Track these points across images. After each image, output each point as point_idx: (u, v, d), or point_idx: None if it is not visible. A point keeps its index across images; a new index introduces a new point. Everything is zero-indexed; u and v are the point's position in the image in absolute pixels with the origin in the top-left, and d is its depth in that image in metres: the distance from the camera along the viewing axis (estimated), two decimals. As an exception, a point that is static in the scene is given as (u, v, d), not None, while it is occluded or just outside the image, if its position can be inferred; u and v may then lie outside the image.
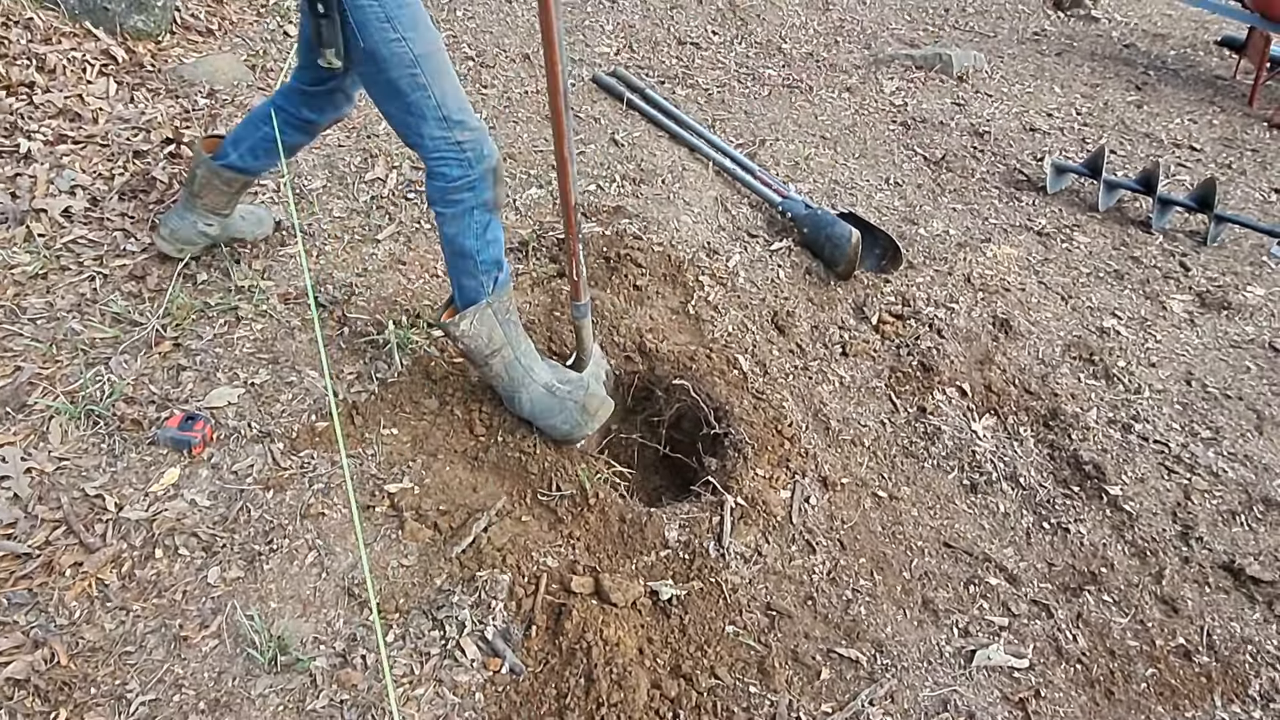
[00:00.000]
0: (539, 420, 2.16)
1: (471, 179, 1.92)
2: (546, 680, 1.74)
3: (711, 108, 3.89)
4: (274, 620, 1.76)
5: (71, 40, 3.20)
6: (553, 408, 2.14)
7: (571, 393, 2.15)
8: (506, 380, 2.15)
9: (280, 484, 2.00)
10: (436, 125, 1.86)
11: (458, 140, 1.87)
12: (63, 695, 1.59)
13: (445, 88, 1.85)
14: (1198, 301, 3.07)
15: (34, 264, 2.39)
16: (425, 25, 1.82)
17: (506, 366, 2.13)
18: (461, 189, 1.92)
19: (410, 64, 1.80)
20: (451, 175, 1.91)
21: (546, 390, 2.15)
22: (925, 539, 2.20)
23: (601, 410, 2.14)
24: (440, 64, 1.84)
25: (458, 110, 1.87)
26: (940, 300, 2.89)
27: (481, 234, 1.99)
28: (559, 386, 2.17)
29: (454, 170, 1.90)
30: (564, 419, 2.13)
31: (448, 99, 1.85)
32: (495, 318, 2.08)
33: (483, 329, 2.06)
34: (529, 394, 2.15)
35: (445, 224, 1.98)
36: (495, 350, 2.10)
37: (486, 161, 1.92)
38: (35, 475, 1.92)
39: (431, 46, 1.82)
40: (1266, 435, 2.54)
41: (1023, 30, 5.14)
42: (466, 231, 1.97)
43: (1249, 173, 3.86)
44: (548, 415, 2.14)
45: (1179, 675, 1.97)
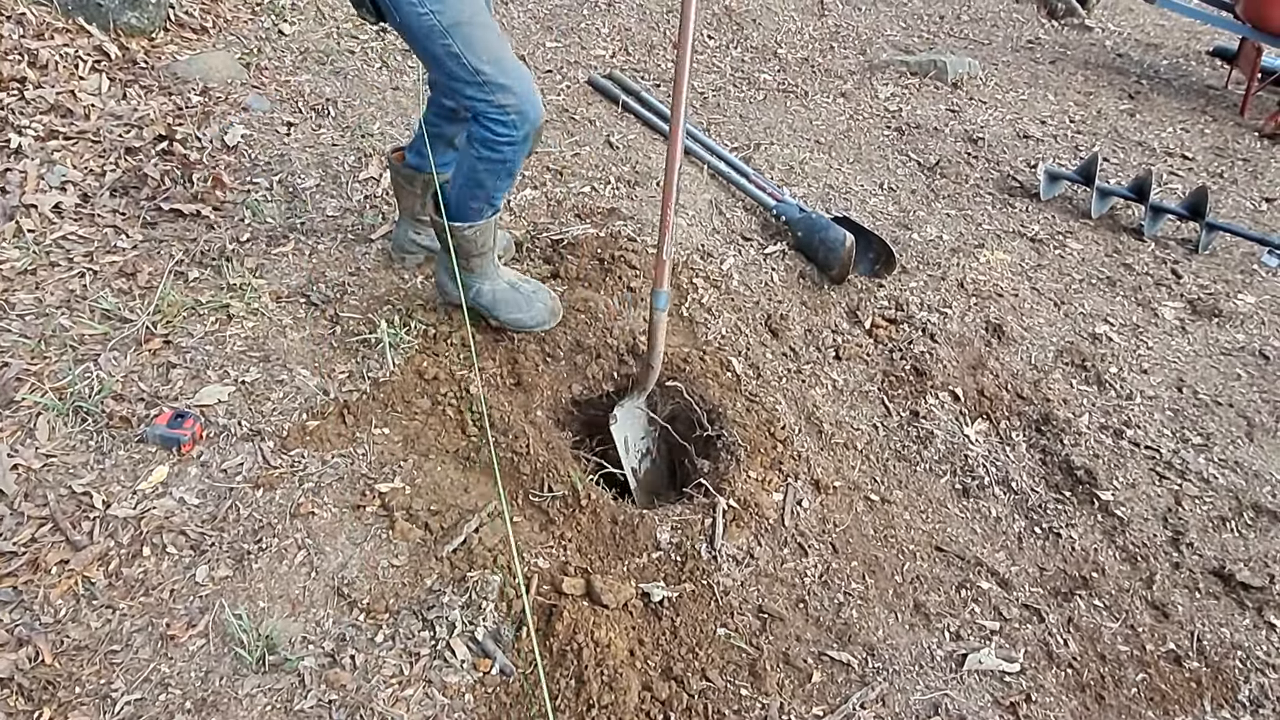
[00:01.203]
0: (496, 310, 2.33)
1: (515, 138, 1.97)
2: (537, 681, 1.73)
3: (707, 111, 3.90)
4: (262, 620, 1.74)
5: (64, 36, 3.19)
6: (518, 302, 2.35)
7: (537, 292, 2.40)
8: (474, 274, 2.29)
9: (270, 483, 1.98)
10: (477, 90, 1.90)
11: (501, 103, 1.92)
12: (47, 694, 1.58)
13: (482, 54, 1.87)
14: (1189, 309, 3.08)
15: (23, 260, 2.37)
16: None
17: (483, 265, 2.28)
18: (504, 144, 1.98)
19: (441, 35, 1.84)
20: (496, 132, 1.96)
21: (510, 286, 2.35)
22: (917, 542, 2.20)
23: (559, 316, 2.41)
24: (473, 33, 1.87)
25: (499, 74, 1.89)
26: (933, 305, 2.90)
27: (505, 178, 2.08)
28: (523, 285, 2.39)
29: (498, 129, 1.95)
30: (531, 315, 2.36)
31: (484, 66, 1.88)
32: (493, 228, 2.22)
33: (483, 237, 2.20)
34: (493, 286, 2.32)
35: (475, 160, 2.03)
36: (482, 253, 2.25)
37: (531, 124, 1.97)
38: (22, 472, 1.90)
39: (462, 15, 1.85)
40: (1257, 442, 2.55)
41: (1017, 38, 5.16)
42: (493, 174, 2.05)
43: (1240, 182, 3.88)
44: (510, 308, 2.34)
45: (1169, 680, 1.97)
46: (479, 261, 2.28)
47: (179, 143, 2.91)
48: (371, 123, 3.25)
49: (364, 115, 3.29)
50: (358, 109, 3.32)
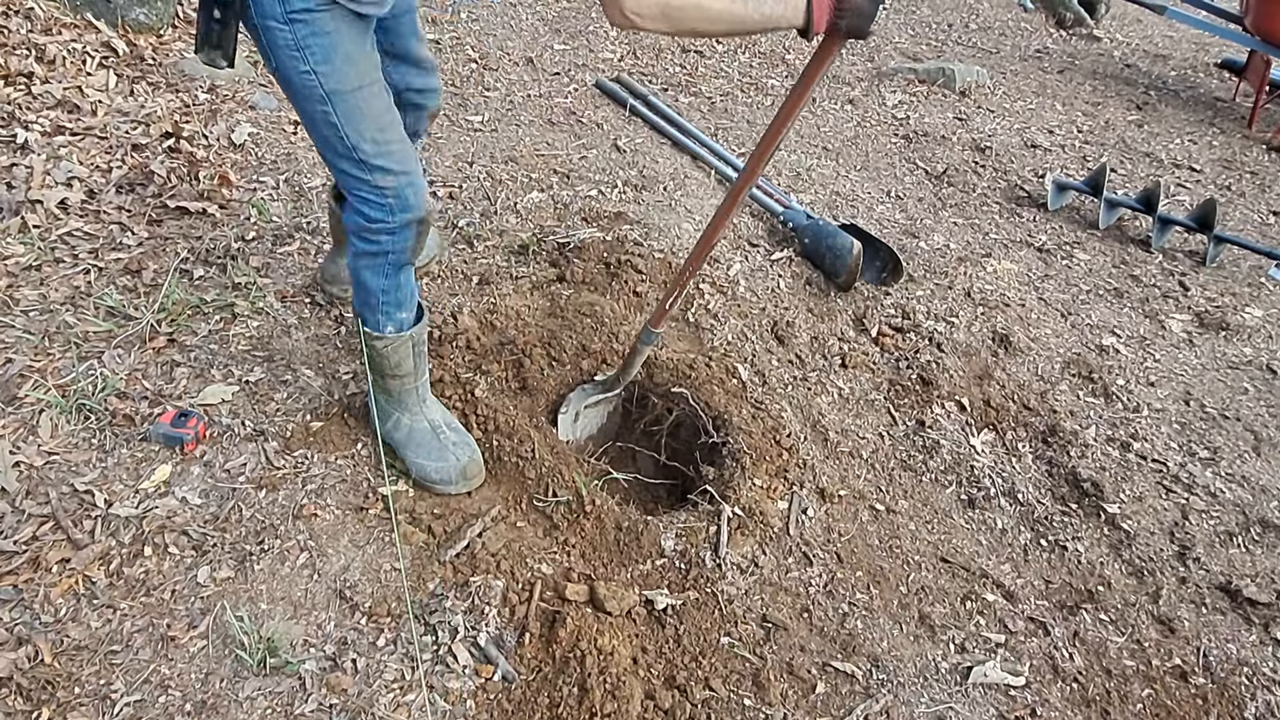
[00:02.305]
0: (406, 450, 2.04)
1: (391, 226, 1.75)
2: (539, 688, 1.71)
3: (714, 116, 3.89)
4: (264, 622, 1.73)
5: (72, 31, 3.18)
6: (431, 449, 2.03)
7: (458, 446, 2.05)
8: (392, 399, 2.04)
9: (273, 484, 1.97)
10: (352, 165, 1.68)
11: (377, 185, 1.70)
12: (46, 694, 1.56)
13: (363, 129, 1.64)
14: (1196, 321, 3.07)
15: (28, 256, 2.36)
16: (346, 58, 1.58)
17: (402, 392, 2.02)
18: (379, 232, 1.76)
19: (320, 100, 1.60)
20: (370, 216, 1.74)
21: (432, 428, 2.05)
22: (922, 553, 2.19)
23: (475, 480, 2.07)
24: (358, 104, 1.62)
25: (377, 155, 1.67)
26: (940, 314, 2.89)
27: (392, 276, 1.84)
28: (447, 433, 2.06)
29: (372, 212, 1.74)
30: (438, 468, 2.02)
31: (363, 143, 1.65)
32: (412, 349, 1.96)
33: (396, 355, 1.95)
34: (410, 421, 2.04)
35: (354, 256, 1.83)
36: (400, 376, 1.99)
37: (410, 213, 1.75)
38: (24, 469, 1.89)
39: (349, 84, 1.60)
40: (1264, 457, 2.54)
41: (1025, 47, 5.16)
42: (374, 270, 1.83)
43: (1248, 195, 3.88)
44: (421, 453, 2.03)
45: (1175, 696, 1.96)
46: (395, 385, 2.00)
47: (186, 140, 2.90)
48: (379, 123, 3.24)
49: (371, 115, 3.28)
50: (365, 109, 3.31)
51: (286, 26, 1.52)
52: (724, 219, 1.86)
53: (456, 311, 2.48)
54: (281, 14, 1.51)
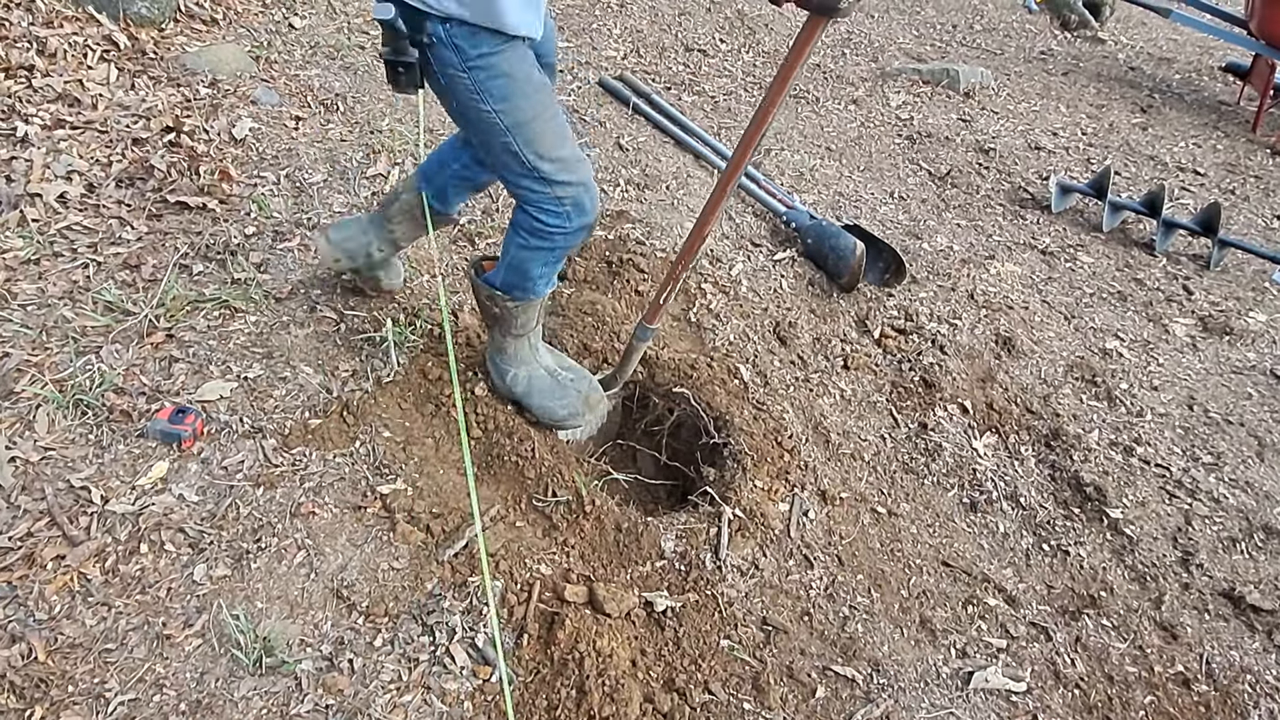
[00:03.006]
0: (532, 399, 2.13)
1: (567, 229, 1.84)
2: (537, 691, 1.70)
3: (717, 115, 3.87)
4: (260, 621, 1.72)
5: (73, 24, 3.16)
6: (553, 390, 2.13)
7: (576, 381, 2.17)
8: (509, 355, 2.12)
9: (271, 481, 1.96)
10: (532, 182, 1.77)
11: (556, 196, 1.79)
12: (39, 693, 1.55)
13: (542, 150, 1.74)
14: (1200, 325, 3.06)
15: (27, 249, 2.35)
16: (522, 94, 1.68)
17: (518, 347, 2.11)
18: (555, 233, 1.84)
19: (501, 133, 1.71)
20: (546, 222, 1.82)
21: (549, 373, 2.15)
22: (924, 557, 2.18)
23: (601, 407, 2.15)
24: (538, 130, 1.72)
25: (558, 171, 1.76)
26: (943, 316, 2.87)
27: (553, 264, 1.94)
28: (562, 373, 2.18)
29: (549, 219, 1.82)
30: (565, 404, 2.13)
31: (543, 162, 1.74)
32: (538, 311, 2.07)
33: (525, 315, 2.05)
34: (528, 372, 2.13)
35: (520, 245, 1.89)
36: (520, 334, 2.08)
37: (585, 218, 1.84)
38: (20, 465, 1.87)
39: (527, 115, 1.70)
40: (1268, 462, 2.53)
41: (1030, 49, 5.14)
42: (536, 260, 1.91)
43: (1252, 199, 3.86)
44: (545, 397, 2.13)
45: (1177, 703, 1.94)
46: (513, 343, 2.10)
47: (186, 135, 2.89)
48: (380, 119, 3.23)
49: (373, 112, 3.26)
50: (367, 105, 3.30)
51: (466, 74, 1.65)
52: (713, 211, 1.87)
53: (457, 309, 2.46)
54: (460, 64, 1.63)
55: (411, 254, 2.67)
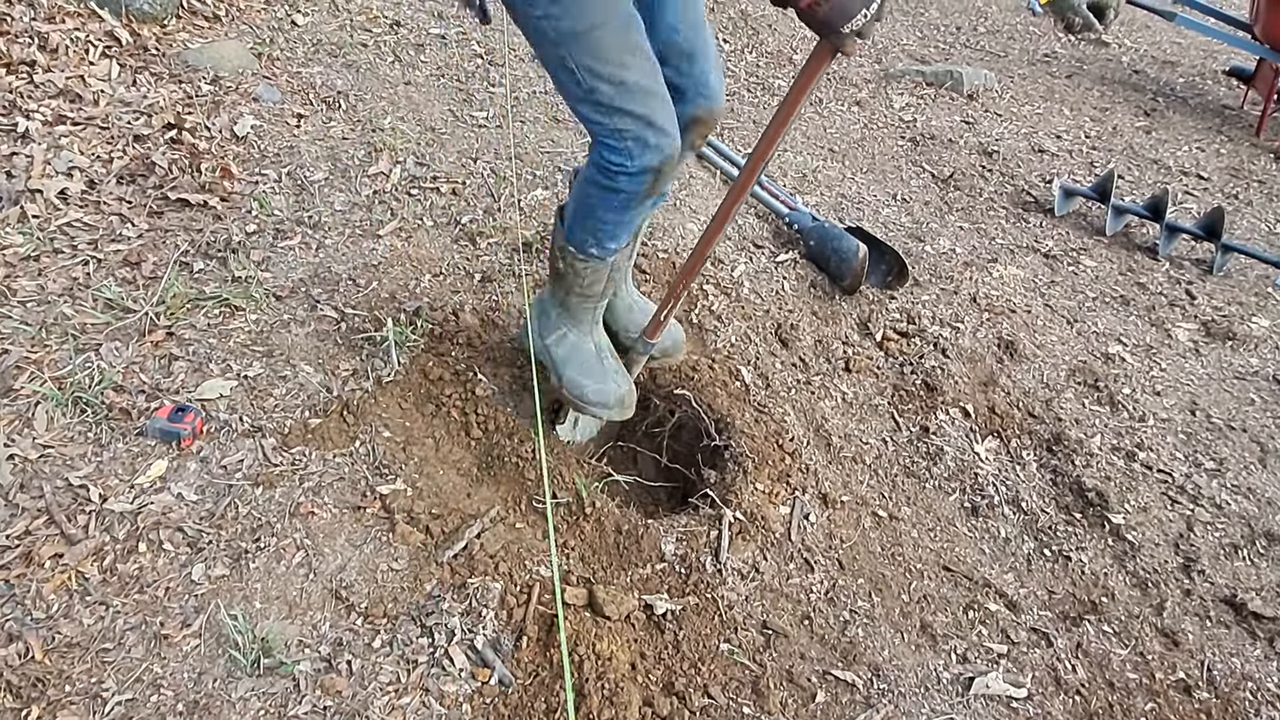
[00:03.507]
0: (566, 366, 2.01)
1: (630, 170, 1.67)
2: (536, 693, 1.69)
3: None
4: (258, 621, 1.71)
5: (75, 20, 3.15)
6: (593, 369, 2.01)
7: (618, 374, 2.06)
8: (567, 314, 1.99)
9: (270, 481, 1.95)
10: (591, 109, 1.62)
11: (616, 128, 1.62)
12: (36, 692, 1.54)
13: (601, 70, 1.56)
14: (1203, 330, 3.05)
15: (27, 246, 2.34)
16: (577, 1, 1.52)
17: (581, 310, 1.98)
18: (617, 174, 1.69)
19: (553, 43, 1.55)
20: (609, 159, 1.68)
21: (597, 351, 2.03)
22: (925, 561, 2.17)
23: (628, 411, 2.08)
24: (594, 44, 1.54)
25: (615, 97, 1.58)
26: (945, 319, 2.86)
27: (620, 212, 1.77)
28: (609, 359, 2.07)
29: (611, 156, 1.67)
30: (597, 389, 2.02)
31: (601, 83, 1.57)
32: (609, 273, 1.92)
33: (591, 278, 1.92)
34: (578, 339, 2.01)
35: (589, 185, 1.76)
36: (586, 296, 1.95)
37: (649, 157, 1.66)
38: (18, 462, 1.87)
39: (584, 23, 1.52)
40: (1270, 469, 2.52)
41: (1033, 51, 5.13)
42: (605, 204, 1.77)
43: (1255, 203, 3.85)
44: (583, 371, 2.01)
45: (1178, 710, 1.94)
46: (578, 303, 1.96)
47: (188, 132, 2.88)
48: (383, 117, 3.22)
49: (375, 109, 3.26)
50: (369, 103, 3.29)
51: None
52: (715, 233, 1.82)
53: (458, 309, 2.45)
54: None
55: (412, 253, 2.66)
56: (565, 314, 2.01)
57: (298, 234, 2.64)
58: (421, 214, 2.85)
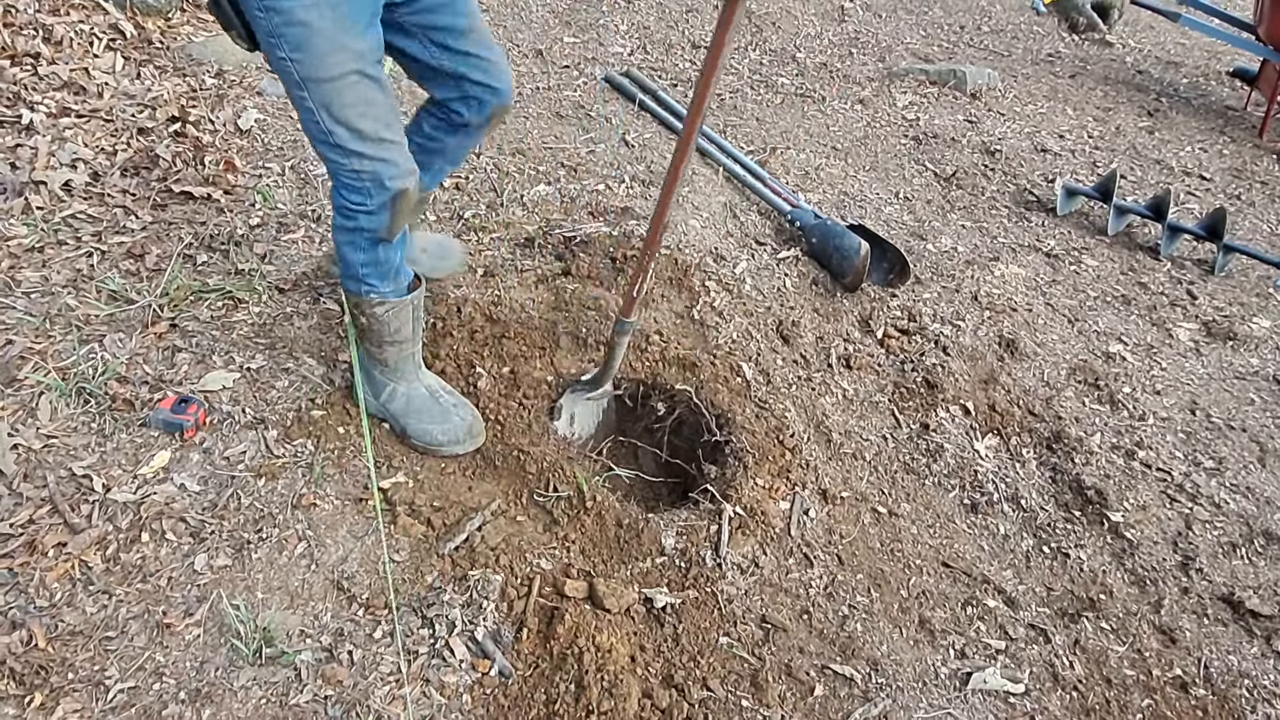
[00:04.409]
0: (407, 419, 2.06)
1: (368, 207, 1.77)
2: (536, 685, 1.70)
3: (723, 113, 3.87)
4: (260, 611, 1.72)
5: (80, 12, 3.16)
6: (434, 413, 2.07)
7: (459, 408, 2.10)
8: (389, 369, 2.04)
9: (272, 472, 1.96)
10: (328, 149, 1.71)
11: (354, 169, 1.72)
12: (39, 679, 1.55)
13: (339, 116, 1.66)
14: (1204, 330, 3.05)
15: (31, 237, 2.35)
16: (319, 50, 1.59)
17: (400, 360, 2.04)
18: (357, 212, 1.79)
19: (296, 84, 1.63)
20: (349, 199, 1.77)
21: (430, 394, 2.08)
22: (924, 557, 2.18)
23: (479, 438, 2.11)
24: (334, 92, 1.63)
25: (351, 140, 1.68)
26: (947, 317, 2.87)
27: (368, 251, 1.86)
28: (444, 396, 2.11)
29: (351, 196, 1.77)
30: (445, 430, 2.07)
31: (337, 129, 1.67)
32: (411, 315, 1.98)
33: (394, 322, 1.96)
34: (408, 390, 2.06)
35: (336, 229, 1.87)
36: (397, 342, 2.00)
37: (386, 193, 1.76)
38: (22, 452, 1.88)
39: (323, 73, 1.61)
40: (1269, 468, 2.52)
41: (1037, 51, 5.13)
42: (352, 246, 1.86)
43: (1258, 204, 3.85)
44: (424, 418, 2.06)
45: (1175, 707, 1.94)
46: (393, 353, 2.01)
47: (192, 125, 2.89)
48: (386, 112, 3.22)
49: (379, 104, 3.26)
50: (373, 97, 3.29)
51: (264, 15, 1.57)
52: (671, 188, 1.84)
53: (461, 303, 2.46)
54: (257, 3, 1.56)
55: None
56: (387, 370, 2.05)
57: (301, 227, 2.64)
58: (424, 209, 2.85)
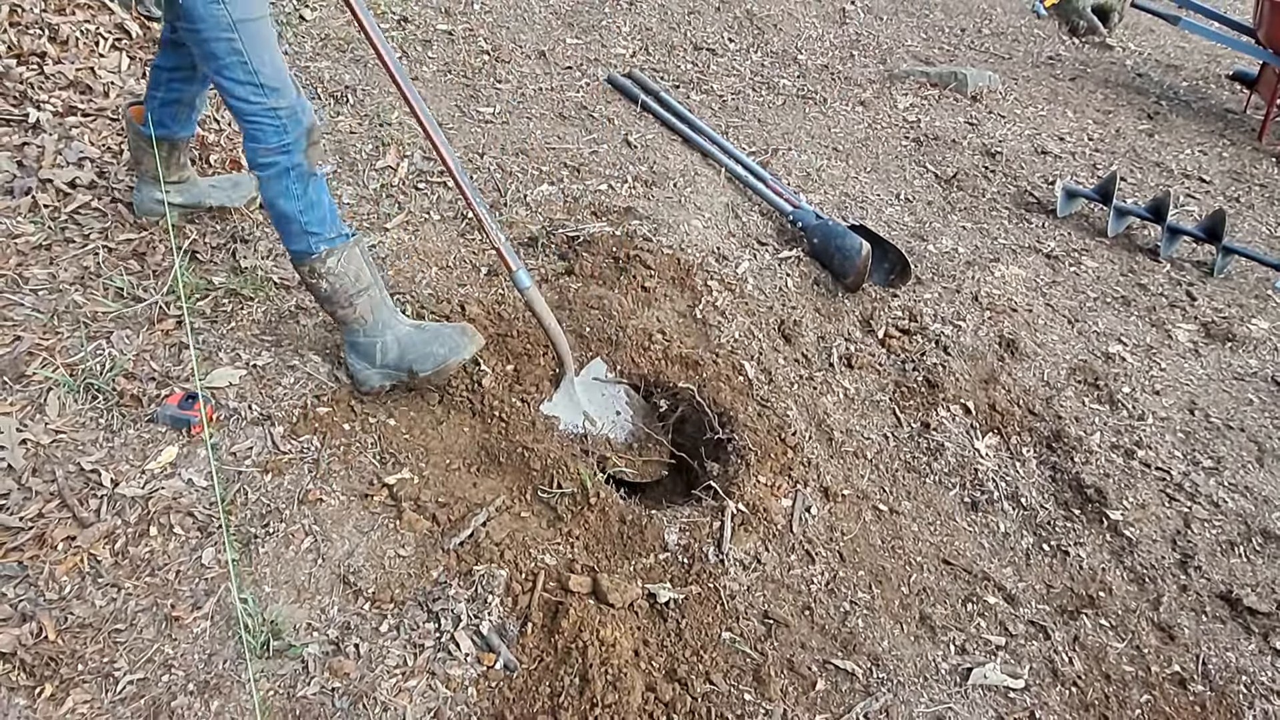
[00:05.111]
0: (407, 356, 2.11)
1: (286, 143, 1.91)
2: (541, 678, 1.72)
3: (725, 114, 3.89)
4: (267, 605, 1.73)
5: (85, 12, 3.18)
6: (426, 339, 2.12)
7: (443, 324, 2.19)
8: (371, 322, 2.09)
9: (279, 468, 1.97)
10: (251, 91, 1.85)
11: (273, 106, 1.87)
12: (49, 670, 1.57)
13: (264, 56, 1.83)
14: (1203, 332, 3.07)
15: (38, 234, 2.36)
16: None
17: (373, 306, 2.09)
18: (276, 151, 1.91)
19: (227, 28, 1.77)
20: (267, 140, 1.90)
21: (415, 327, 2.15)
22: (924, 554, 2.19)
23: (478, 337, 2.18)
24: (259, 31, 1.82)
25: (274, 78, 1.85)
26: (947, 317, 2.89)
27: (301, 195, 1.97)
28: (427, 323, 2.19)
29: (270, 136, 1.90)
30: (442, 342, 2.12)
31: (264, 68, 1.84)
32: (361, 255, 2.06)
33: (350, 266, 2.03)
34: (395, 334, 2.11)
35: (264, 187, 1.98)
36: (362, 289, 2.06)
37: (301, 126, 1.92)
38: (30, 447, 1.89)
39: (252, 13, 1.80)
40: (1267, 468, 2.54)
41: (1037, 54, 5.15)
42: (285, 194, 1.96)
43: (1257, 207, 3.87)
44: (420, 347, 2.11)
45: (1173, 703, 1.96)
46: (364, 302, 2.06)
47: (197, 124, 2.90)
48: (390, 112, 3.24)
49: (382, 104, 3.28)
50: (376, 98, 3.31)
51: None
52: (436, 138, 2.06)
53: (464, 302, 2.48)
54: None
55: (418, 246, 2.69)
56: (369, 325, 2.10)
57: (306, 226, 2.66)
58: (428, 208, 2.87)
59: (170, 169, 2.40)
